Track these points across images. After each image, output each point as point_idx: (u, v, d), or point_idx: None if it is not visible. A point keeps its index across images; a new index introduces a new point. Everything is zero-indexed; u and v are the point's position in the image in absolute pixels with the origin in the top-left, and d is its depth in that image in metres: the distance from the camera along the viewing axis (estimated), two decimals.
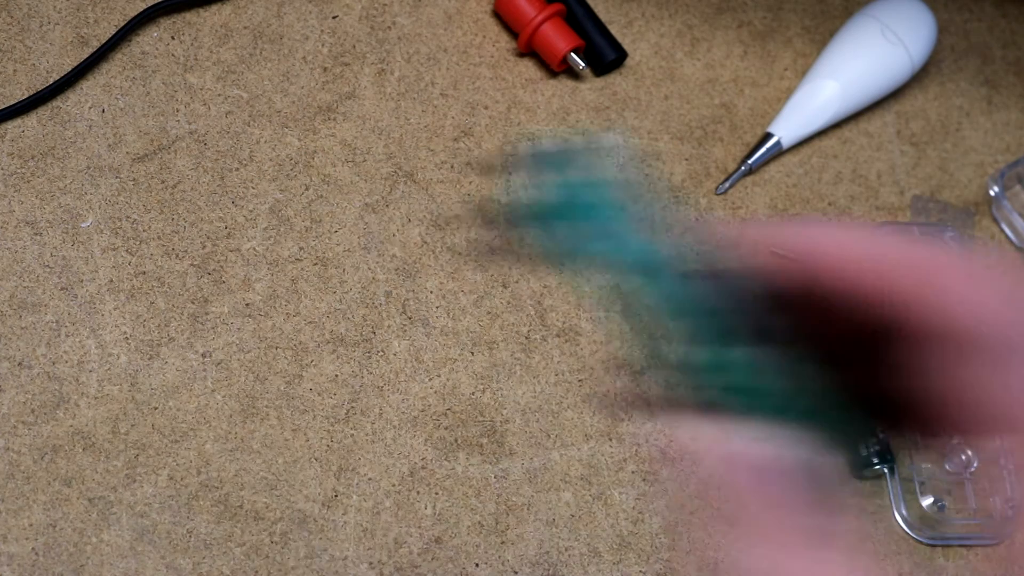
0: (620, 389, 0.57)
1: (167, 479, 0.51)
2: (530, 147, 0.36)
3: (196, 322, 0.54)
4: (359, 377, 0.55)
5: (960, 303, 0.31)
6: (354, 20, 0.61)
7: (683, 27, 0.65)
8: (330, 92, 0.60)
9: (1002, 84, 0.67)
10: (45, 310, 0.53)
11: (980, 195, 0.65)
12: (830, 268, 0.34)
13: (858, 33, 0.64)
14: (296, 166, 0.58)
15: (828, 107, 0.63)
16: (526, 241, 0.37)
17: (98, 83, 0.58)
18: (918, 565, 0.57)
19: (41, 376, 0.52)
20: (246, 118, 0.58)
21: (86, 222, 0.55)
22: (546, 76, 0.62)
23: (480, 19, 0.63)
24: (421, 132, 0.60)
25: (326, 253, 0.57)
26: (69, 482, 0.51)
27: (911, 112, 0.66)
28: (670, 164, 0.62)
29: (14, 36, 0.58)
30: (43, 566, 0.49)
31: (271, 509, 0.52)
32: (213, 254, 0.56)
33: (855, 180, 0.64)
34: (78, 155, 0.56)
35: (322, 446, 0.53)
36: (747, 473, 0.33)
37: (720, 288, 0.37)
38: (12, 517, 0.50)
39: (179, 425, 0.52)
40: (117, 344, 0.53)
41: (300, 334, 0.55)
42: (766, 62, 0.65)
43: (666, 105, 0.63)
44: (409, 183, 0.59)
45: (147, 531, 0.50)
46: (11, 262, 0.54)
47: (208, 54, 0.59)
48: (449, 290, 0.57)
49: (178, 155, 0.57)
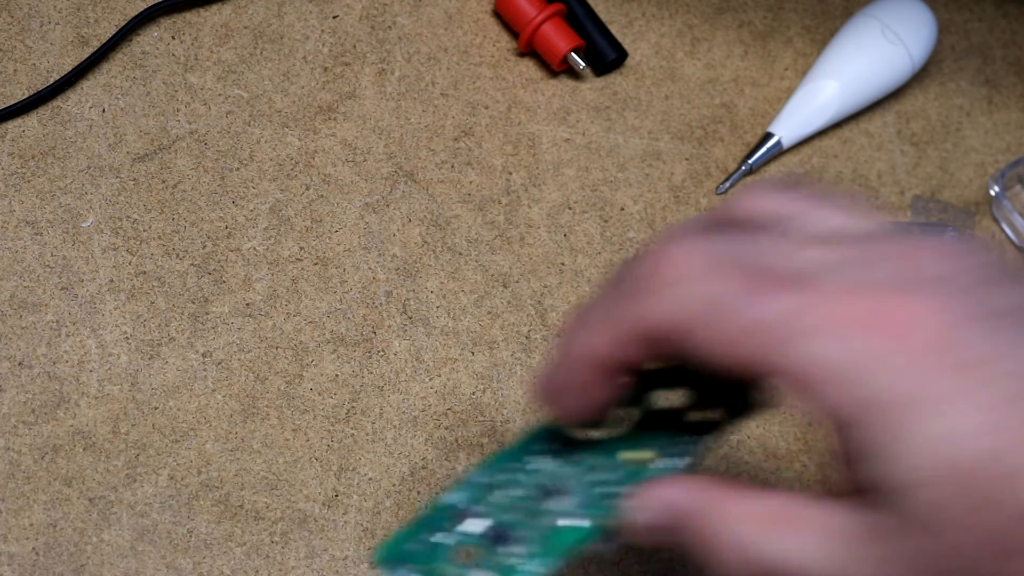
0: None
1: (167, 479, 0.51)
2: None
3: (196, 322, 0.54)
4: (359, 377, 0.55)
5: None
6: (354, 20, 0.61)
7: (683, 27, 0.65)
8: (330, 92, 0.60)
9: (1003, 84, 0.67)
10: (45, 310, 0.53)
11: (980, 195, 0.65)
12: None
13: (858, 33, 0.64)
14: (296, 166, 0.58)
15: (828, 107, 0.63)
16: None
17: (98, 83, 0.58)
18: None
19: (41, 376, 0.52)
20: (246, 118, 0.58)
21: (86, 222, 0.55)
22: (546, 76, 0.62)
23: (480, 19, 0.63)
24: (421, 132, 0.60)
25: (326, 253, 0.57)
26: (69, 482, 0.51)
27: (911, 112, 0.66)
28: (670, 164, 0.62)
29: (14, 36, 0.58)
30: (43, 566, 0.49)
31: (271, 509, 0.52)
32: (213, 254, 0.56)
33: (855, 180, 0.64)
34: (78, 155, 0.56)
35: (322, 446, 0.53)
36: None
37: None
38: (12, 517, 0.50)
39: (179, 425, 0.52)
40: (117, 344, 0.53)
41: (300, 334, 0.55)
42: (766, 62, 0.65)
43: (666, 105, 0.63)
44: (409, 183, 0.59)
45: (147, 531, 0.50)
46: (11, 262, 0.54)
47: (208, 54, 0.59)
48: (449, 290, 0.57)
49: (178, 155, 0.57)
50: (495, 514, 0.40)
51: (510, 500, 0.40)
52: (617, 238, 0.60)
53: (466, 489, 0.40)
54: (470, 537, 0.39)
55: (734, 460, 0.57)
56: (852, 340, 0.32)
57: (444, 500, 0.40)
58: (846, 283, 0.33)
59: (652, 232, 0.60)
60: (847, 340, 0.32)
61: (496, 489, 0.40)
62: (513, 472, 0.40)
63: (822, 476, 0.57)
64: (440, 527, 0.40)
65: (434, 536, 0.39)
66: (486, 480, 0.41)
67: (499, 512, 0.40)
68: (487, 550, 0.39)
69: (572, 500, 0.39)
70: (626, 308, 0.36)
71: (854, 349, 0.32)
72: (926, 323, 0.32)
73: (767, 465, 0.57)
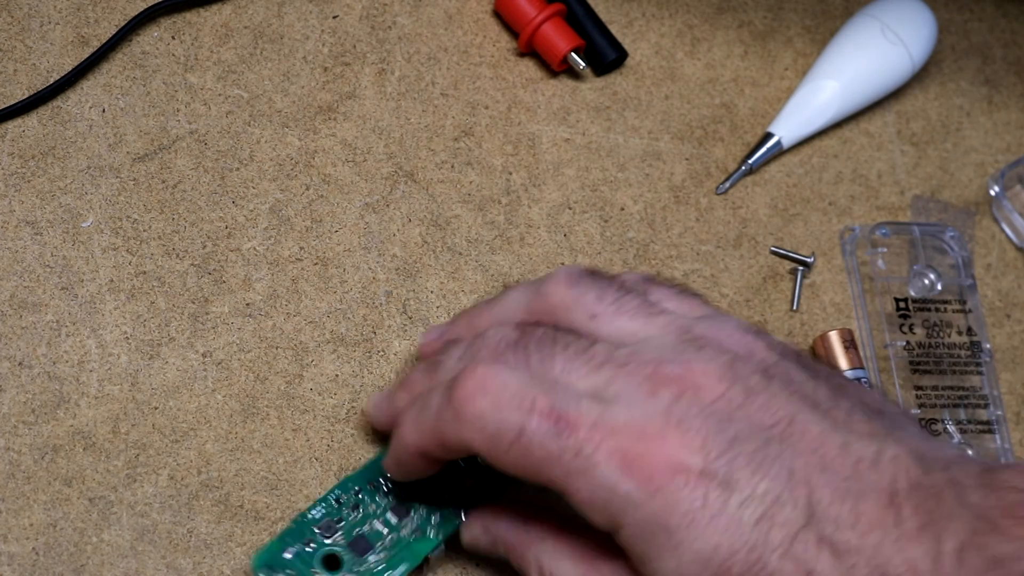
0: None
1: (167, 479, 0.51)
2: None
3: (196, 322, 0.54)
4: (359, 377, 0.55)
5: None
6: (354, 20, 0.61)
7: (683, 27, 0.65)
8: (330, 92, 0.60)
9: (1003, 84, 0.67)
10: (45, 310, 0.53)
11: (980, 195, 0.65)
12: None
13: (858, 33, 0.64)
14: (296, 166, 0.58)
15: (828, 107, 0.63)
16: None
17: (98, 83, 0.58)
18: None
19: (41, 376, 0.52)
20: (246, 118, 0.58)
21: (86, 222, 0.55)
22: (546, 76, 0.62)
23: (480, 19, 0.63)
24: (421, 132, 0.60)
25: (326, 253, 0.57)
26: (69, 482, 0.51)
27: (911, 112, 0.66)
28: (670, 164, 0.62)
29: (14, 36, 0.58)
30: (43, 566, 0.49)
31: (272, 509, 0.52)
32: (213, 254, 0.56)
33: (855, 180, 0.64)
34: (78, 155, 0.56)
35: (322, 446, 0.53)
36: None
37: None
38: (12, 517, 0.50)
39: (179, 425, 0.52)
40: (117, 344, 0.53)
41: (300, 334, 0.55)
42: (766, 62, 0.65)
43: (666, 105, 0.63)
44: (410, 183, 0.59)
45: (147, 531, 0.50)
46: (11, 262, 0.54)
47: (208, 54, 0.59)
48: (449, 290, 0.57)
49: (178, 155, 0.57)
50: (357, 526, 0.49)
51: (368, 515, 0.49)
52: (617, 238, 0.60)
53: (327, 505, 0.49)
54: (337, 546, 0.48)
55: None
56: (621, 476, 0.41)
57: (309, 514, 0.49)
58: (620, 422, 0.42)
59: (652, 232, 0.60)
60: (618, 475, 0.41)
61: (356, 504, 0.49)
62: (371, 489, 0.49)
63: None
64: (310, 537, 0.48)
65: (305, 546, 0.48)
66: (346, 496, 0.49)
67: (359, 525, 0.49)
68: (352, 558, 0.48)
69: (417, 518, 0.49)
70: (440, 422, 0.44)
71: (622, 484, 0.41)
72: (679, 460, 0.41)
73: None
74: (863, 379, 0.58)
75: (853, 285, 0.61)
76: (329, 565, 0.48)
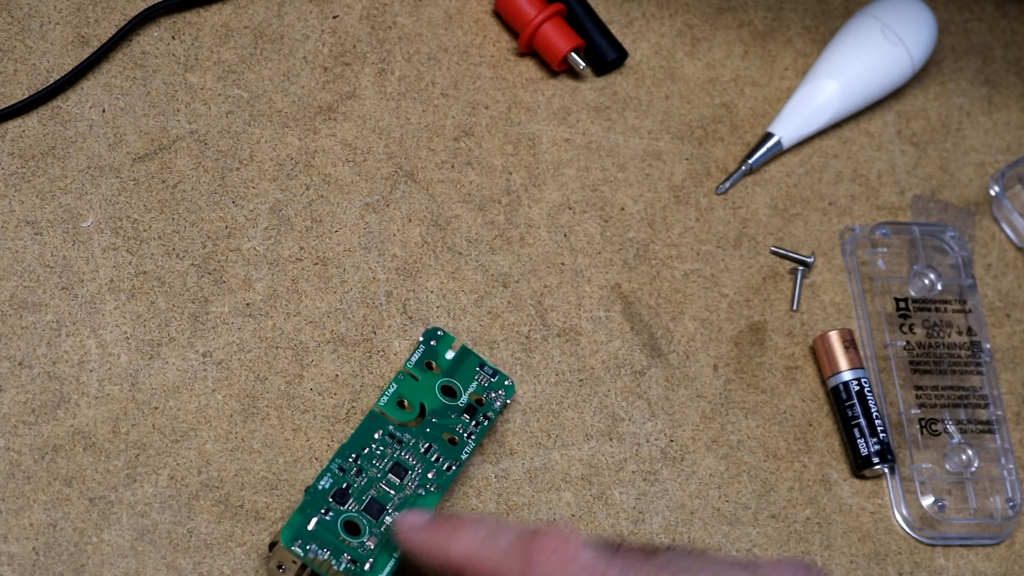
0: (620, 389, 0.57)
1: (167, 479, 0.51)
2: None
3: (196, 322, 0.54)
4: (359, 377, 0.55)
5: None
6: (354, 20, 0.61)
7: (683, 27, 0.65)
8: (330, 92, 0.60)
9: (1003, 84, 0.67)
10: (45, 310, 0.53)
11: (980, 195, 0.65)
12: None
13: (858, 33, 0.64)
14: (296, 166, 0.58)
15: (828, 107, 0.63)
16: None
17: (98, 83, 0.58)
18: (918, 565, 0.57)
19: (41, 376, 0.52)
20: (246, 118, 0.58)
21: (86, 222, 0.55)
22: (546, 76, 0.62)
23: (480, 19, 0.63)
24: (421, 132, 0.60)
25: (326, 253, 0.57)
26: (69, 482, 0.51)
27: (911, 112, 0.66)
28: (670, 164, 0.62)
29: (14, 36, 0.58)
30: (43, 566, 0.49)
31: (271, 509, 0.52)
32: (213, 254, 0.56)
33: (856, 180, 0.64)
34: (78, 155, 0.56)
35: (322, 446, 0.53)
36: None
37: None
38: (12, 517, 0.50)
39: (179, 425, 0.52)
40: (117, 344, 0.53)
41: (300, 334, 0.55)
42: (767, 62, 0.65)
43: (666, 105, 0.63)
44: (410, 183, 0.59)
45: (147, 531, 0.50)
46: (11, 262, 0.54)
47: (208, 54, 0.59)
48: (449, 290, 0.57)
49: (178, 155, 0.57)
50: (364, 491, 0.50)
51: (372, 479, 0.50)
52: (617, 238, 0.60)
53: (332, 474, 0.50)
54: (352, 512, 0.49)
55: (734, 460, 0.57)
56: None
57: (318, 485, 0.49)
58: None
59: (652, 232, 0.60)
60: None
61: (358, 470, 0.50)
62: (369, 455, 0.51)
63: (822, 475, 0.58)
64: (326, 507, 0.49)
65: (324, 515, 0.49)
66: (346, 464, 0.50)
67: (366, 489, 0.50)
68: (369, 521, 0.49)
69: (415, 476, 0.51)
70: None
71: None
72: None
73: (767, 465, 0.57)
74: (863, 379, 0.58)
75: (853, 285, 0.61)
76: (350, 531, 0.49)
